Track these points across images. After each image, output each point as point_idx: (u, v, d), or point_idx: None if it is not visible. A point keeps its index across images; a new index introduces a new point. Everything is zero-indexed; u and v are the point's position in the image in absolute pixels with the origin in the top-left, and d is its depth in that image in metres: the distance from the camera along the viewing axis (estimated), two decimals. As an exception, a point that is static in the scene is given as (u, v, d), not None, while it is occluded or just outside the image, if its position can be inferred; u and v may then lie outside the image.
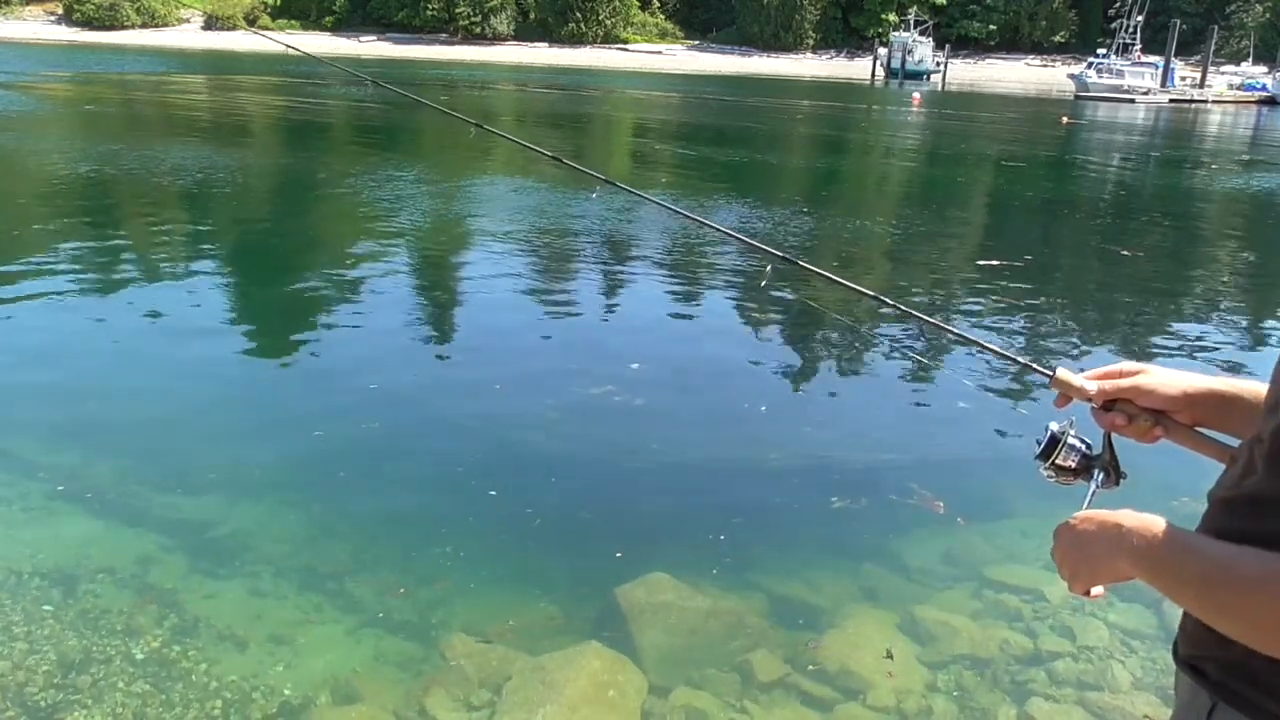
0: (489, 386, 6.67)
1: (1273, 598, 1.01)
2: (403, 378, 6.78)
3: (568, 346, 7.63)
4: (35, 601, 4.01)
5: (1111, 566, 1.23)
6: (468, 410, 6.27)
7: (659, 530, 4.90)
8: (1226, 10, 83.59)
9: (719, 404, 6.49)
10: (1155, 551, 1.16)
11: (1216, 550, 1.09)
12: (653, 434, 6.00)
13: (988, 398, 7.01)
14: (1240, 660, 1.08)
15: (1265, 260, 12.99)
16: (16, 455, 5.32)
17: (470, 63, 69.20)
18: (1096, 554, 1.25)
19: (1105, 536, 1.24)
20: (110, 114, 26.66)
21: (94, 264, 9.63)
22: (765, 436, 6.01)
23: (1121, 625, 4.18)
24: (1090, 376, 1.48)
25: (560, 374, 6.87)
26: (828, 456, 5.86)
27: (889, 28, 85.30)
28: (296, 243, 11.30)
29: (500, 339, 7.80)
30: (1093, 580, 1.30)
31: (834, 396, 6.97)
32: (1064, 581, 1.34)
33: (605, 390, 6.70)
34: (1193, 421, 1.40)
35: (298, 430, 5.80)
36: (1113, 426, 1.44)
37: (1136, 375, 1.43)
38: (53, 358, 6.85)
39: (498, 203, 14.09)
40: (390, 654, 3.88)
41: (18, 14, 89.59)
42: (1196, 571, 1.10)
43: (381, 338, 7.73)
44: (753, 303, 8.81)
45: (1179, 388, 1.40)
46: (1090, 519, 1.28)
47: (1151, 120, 44.14)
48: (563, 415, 6.19)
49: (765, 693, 3.74)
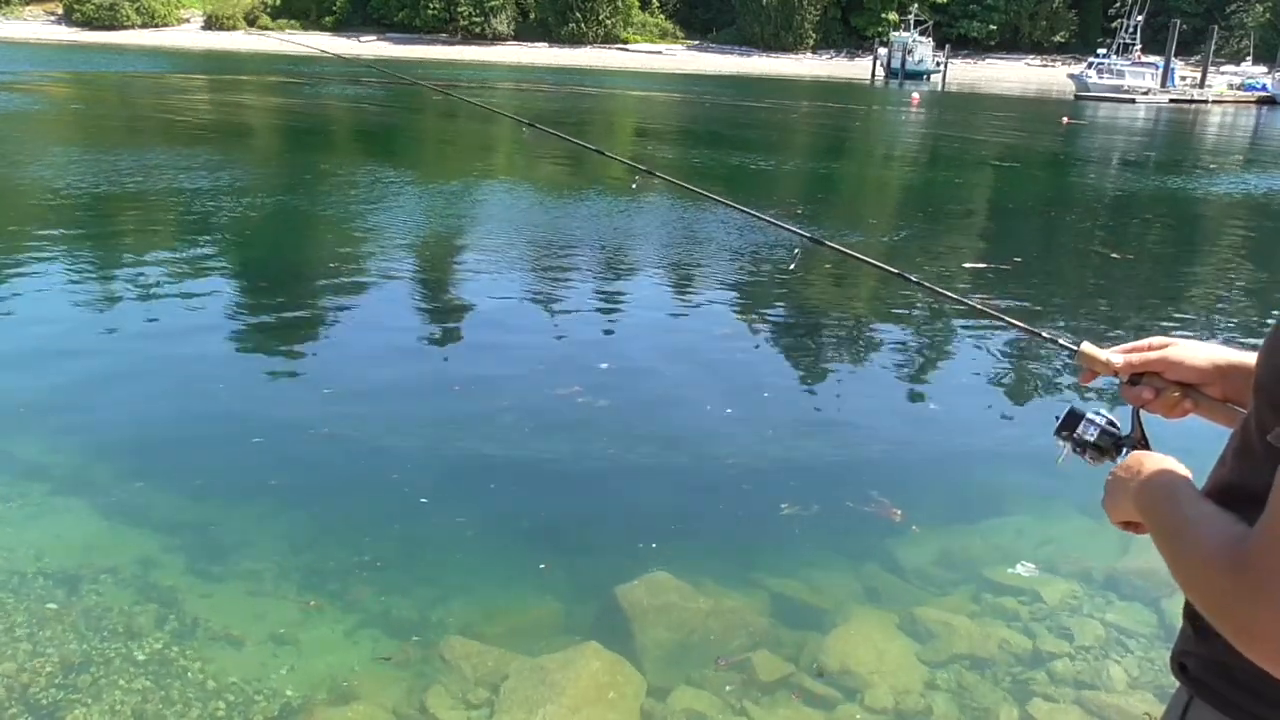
0: (491, 385, 6.68)
1: (1199, 561, 1.03)
2: (404, 378, 6.79)
3: (567, 346, 7.63)
4: (38, 600, 4.01)
5: (1124, 503, 1.27)
6: (469, 410, 6.28)
7: (659, 530, 4.90)
8: (1226, 10, 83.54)
9: (721, 404, 6.49)
10: (1147, 495, 1.20)
11: (1194, 509, 1.10)
12: (653, 434, 6.01)
13: (995, 394, 7.00)
14: (1218, 658, 1.09)
15: (1264, 261, 12.98)
16: (18, 455, 5.33)
17: (470, 63, 69.18)
18: (1118, 489, 1.29)
19: (1128, 473, 1.27)
20: (110, 114, 26.66)
21: (94, 265, 9.63)
22: (767, 438, 6.02)
23: (1120, 625, 4.19)
24: (1117, 351, 1.45)
25: (561, 373, 6.87)
26: (830, 455, 5.86)
27: (889, 28, 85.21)
28: (295, 244, 11.30)
29: (503, 337, 7.79)
30: (1114, 515, 1.32)
31: (838, 396, 6.97)
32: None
33: (606, 390, 6.71)
34: (1223, 395, 1.37)
35: (298, 431, 5.81)
36: (1140, 401, 1.41)
37: (1165, 348, 1.40)
38: (53, 359, 6.85)
39: (512, 203, 14.09)
40: (390, 654, 3.89)
41: (18, 14, 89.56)
42: (1170, 524, 1.12)
43: (382, 338, 7.74)
44: (758, 300, 8.81)
45: (1209, 360, 1.37)
46: (1135, 456, 1.30)
47: (1151, 120, 44.13)
48: (563, 414, 6.19)
49: (765, 693, 3.75)
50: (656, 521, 5.01)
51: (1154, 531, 1.16)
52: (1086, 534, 4.87)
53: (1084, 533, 4.88)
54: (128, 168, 15.32)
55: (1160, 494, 1.18)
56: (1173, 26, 64.76)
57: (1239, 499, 1.08)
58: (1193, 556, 1.05)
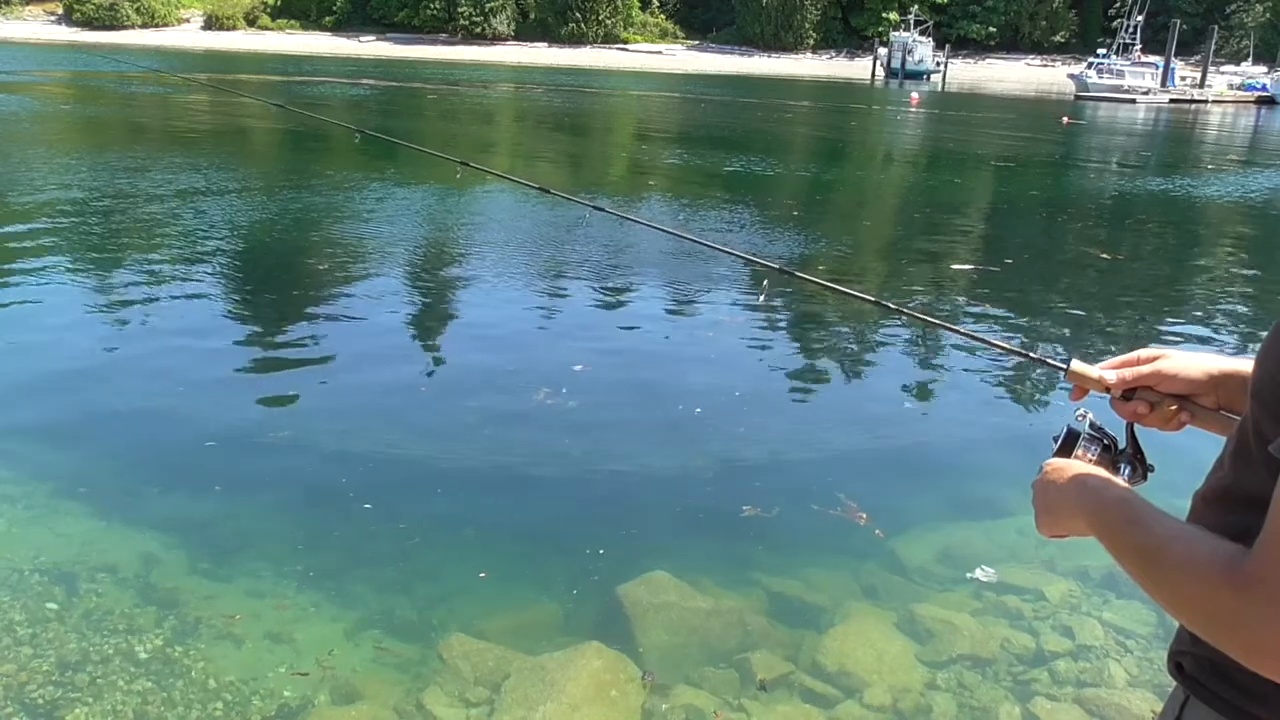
0: (491, 386, 6.68)
1: (1193, 581, 1.01)
2: (402, 378, 6.79)
3: (564, 351, 7.63)
4: (38, 600, 4.01)
5: (1070, 522, 1.26)
6: (468, 409, 6.28)
7: (659, 530, 4.90)
8: (1226, 10, 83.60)
9: (721, 405, 6.49)
10: (1104, 517, 1.18)
11: (1158, 527, 1.09)
12: (653, 434, 6.01)
13: (992, 398, 7.02)
14: (1213, 657, 1.08)
15: (1262, 262, 12.98)
16: (19, 456, 5.33)
17: (470, 63, 69.21)
18: (1058, 506, 1.28)
19: (1067, 491, 1.26)
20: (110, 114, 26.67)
21: (94, 265, 9.64)
22: (767, 437, 6.02)
23: (1119, 624, 4.19)
24: (1107, 366, 1.43)
25: (560, 377, 6.87)
26: (829, 456, 5.86)
27: (889, 27, 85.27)
28: (293, 245, 11.29)
29: (499, 344, 7.79)
30: (1054, 529, 1.31)
31: (837, 399, 6.98)
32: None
33: (606, 392, 6.72)
34: (1218, 404, 1.35)
35: (297, 431, 5.81)
36: (1134, 416, 1.38)
37: (1156, 360, 1.38)
38: (53, 359, 6.85)
39: (489, 217, 14.10)
40: (390, 653, 3.89)
41: (18, 14, 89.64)
42: (1135, 545, 1.11)
43: (382, 338, 7.74)
44: (752, 311, 8.81)
45: (1202, 369, 1.35)
46: (1060, 470, 1.29)
47: (1151, 120, 44.15)
48: (563, 415, 6.19)
49: (765, 692, 3.75)
50: (656, 521, 5.01)
51: (1120, 553, 1.13)
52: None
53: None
54: (132, 173, 15.30)
55: (1117, 512, 1.15)
56: (1173, 26, 64.81)
57: (1238, 503, 1.08)
58: (1179, 576, 1.03)
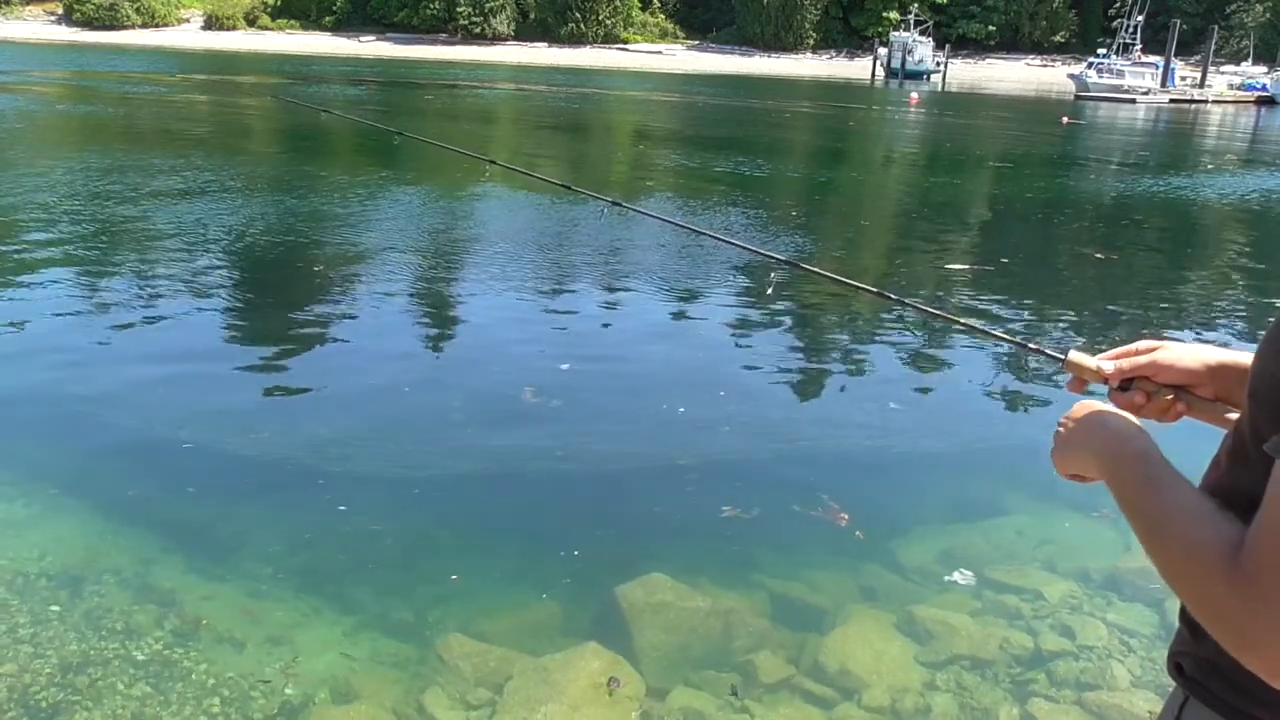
0: (489, 387, 6.68)
1: (1190, 562, 1.02)
2: (402, 378, 6.79)
3: (564, 351, 7.62)
4: (40, 601, 4.01)
5: (1082, 460, 1.27)
6: (467, 410, 6.28)
7: (658, 530, 4.90)
8: (1226, 10, 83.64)
9: (720, 405, 6.49)
10: (1118, 467, 1.18)
11: (1169, 494, 1.09)
12: (652, 434, 6.01)
13: (991, 394, 7.01)
14: (1213, 658, 1.08)
15: (1261, 262, 12.98)
16: (20, 456, 5.33)
17: (470, 63, 69.22)
18: (1075, 441, 1.28)
19: (1089, 428, 1.26)
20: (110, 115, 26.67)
21: (94, 265, 9.63)
22: (766, 437, 6.02)
23: (1121, 624, 4.19)
24: (1105, 357, 1.44)
25: (560, 377, 6.87)
26: (829, 455, 5.87)
27: (889, 27, 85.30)
28: (292, 245, 11.29)
29: (501, 343, 7.79)
30: (1066, 468, 1.32)
31: (835, 396, 6.96)
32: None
33: (606, 392, 6.72)
34: (1215, 395, 1.35)
35: (297, 431, 5.81)
36: (1132, 407, 1.38)
37: (1154, 351, 1.39)
38: (53, 360, 6.85)
39: (496, 215, 14.10)
40: (389, 654, 3.89)
41: (18, 14, 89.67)
42: (1143, 507, 1.11)
43: (381, 339, 7.74)
44: (755, 306, 8.81)
45: (1199, 360, 1.36)
46: (1089, 410, 1.29)
47: (1151, 120, 44.15)
48: (562, 416, 6.19)
49: (765, 693, 3.75)
50: (656, 521, 5.01)
51: (1127, 508, 1.14)
52: (1086, 533, 4.87)
53: (1084, 532, 4.89)
54: (134, 173, 15.30)
55: (1134, 468, 1.15)
56: (1173, 26, 64.84)
57: (1235, 502, 1.08)
58: (1180, 553, 1.04)
